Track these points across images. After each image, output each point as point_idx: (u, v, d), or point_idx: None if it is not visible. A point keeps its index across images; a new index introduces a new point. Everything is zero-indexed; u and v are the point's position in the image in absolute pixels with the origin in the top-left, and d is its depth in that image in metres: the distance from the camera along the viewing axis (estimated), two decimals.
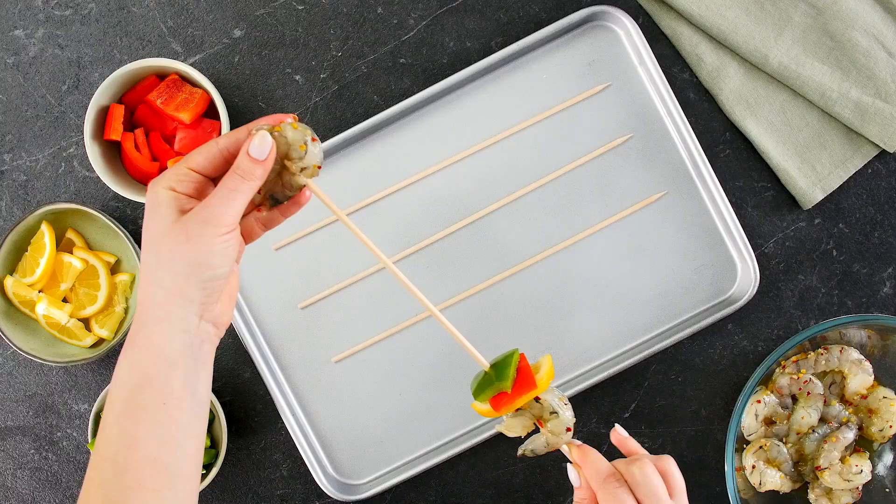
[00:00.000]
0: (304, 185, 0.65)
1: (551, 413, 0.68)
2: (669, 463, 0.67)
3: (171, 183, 0.62)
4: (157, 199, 0.62)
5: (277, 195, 0.65)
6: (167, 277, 0.60)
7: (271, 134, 0.62)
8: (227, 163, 0.63)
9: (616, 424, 0.72)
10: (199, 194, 0.63)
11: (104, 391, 0.87)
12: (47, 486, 0.93)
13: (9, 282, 0.88)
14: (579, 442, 0.69)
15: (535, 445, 0.70)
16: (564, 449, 0.69)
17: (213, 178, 0.64)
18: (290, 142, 0.63)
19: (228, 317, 0.65)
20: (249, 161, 0.61)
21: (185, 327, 0.61)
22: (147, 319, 0.61)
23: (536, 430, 0.70)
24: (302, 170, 0.64)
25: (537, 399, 0.68)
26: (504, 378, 0.67)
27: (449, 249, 0.91)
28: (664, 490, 0.65)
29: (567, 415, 0.68)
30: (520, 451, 0.70)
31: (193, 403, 0.62)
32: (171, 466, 0.60)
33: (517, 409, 0.68)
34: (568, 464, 0.69)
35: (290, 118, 0.64)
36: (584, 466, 0.67)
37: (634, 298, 0.91)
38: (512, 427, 0.69)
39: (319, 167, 0.65)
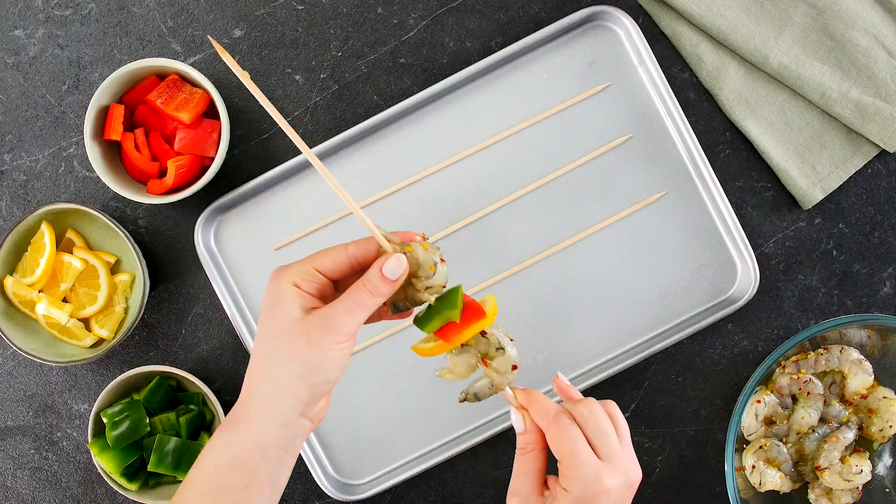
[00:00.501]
0: (428, 301, 0.66)
1: (497, 349, 0.68)
2: (614, 407, 0.68)
3: (296, 279, 0.63)
4: (281, 292, 0.63)
5: (399, 304, 0.67)
6: (281, 374, 0.62)
7: (404, 254, 0.64)
8: (351, 268, 0.65)
9: (557, 372, 0.71)
10: (321, 294, 0.65)
11: (104, 391, 0.87)
12: (47, 486, 0.93)
13: (9, 282, 0.88)
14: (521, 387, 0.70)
15: (479, 388, 0.69)
16: (509, 393, 0.69)
17: (335, 281, 0.66)
18: (420, 262, 0.65)
19: (325, 413, 0.67)
20: (381, 279, 0.63)
21: (286, 422, 0.63)
22: (252, 408, 0.63)
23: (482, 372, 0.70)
24: (427, 288, 0.65)
25: (483, 334, 0.68)
26: (452, 307, 0.66)
27: (449, 249, 0.91)
28: (612, 429, 0.66)
29: (513, 352, 0.68)
30: (461, 396, 0.70)
31: (271, 490, 0.64)
32: None
33: (462, 345, 0.68)
34: (511, 408, 0.69)
35: (419, 237, 0.66)
36: (531, 406, 0.68)
37: (634, 298, 0.91)
38: (456, 367, 0.69)
39: (444, 286, 0.67)
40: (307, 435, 0.66)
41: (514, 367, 0.68)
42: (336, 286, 0.67)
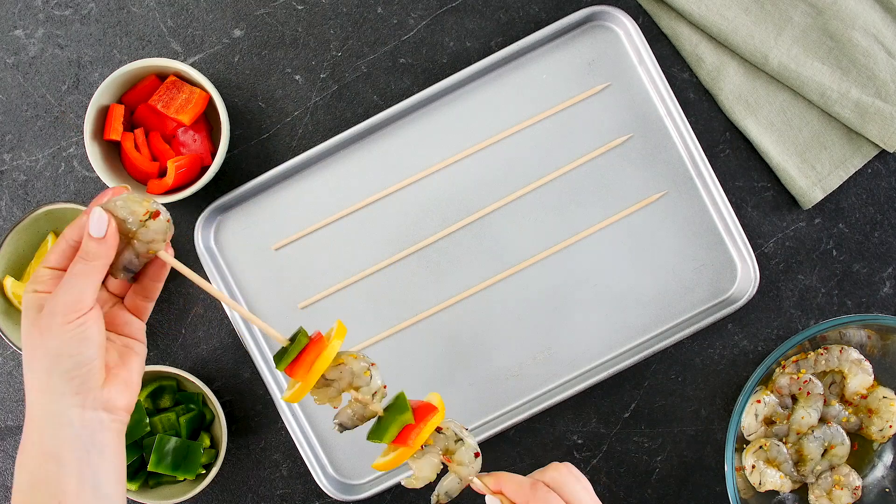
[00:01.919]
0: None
1: (456, 441, 0.68)
2: (573, 467, 0.68)
3: (33, 286, 0.62)
4: (25, 305, 0.62)
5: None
6: (34, 376, 0.60)
7: (105, 209, 0.62)
8: (76, 252, 0.63)
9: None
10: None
11: None
12: None
13: (8, 282, 0.88)
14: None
15: (448, 485, 0.69)
16: (478, 483, 0.68)
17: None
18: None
19: (126, 401, 0.63)
20: (92, 241, 0.61)
21: (64, 421, 0.59)
22: (30, 421, 0.60)
23: (445, 472, 0.69)
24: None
25: (439, 430, 0.68)
26: (404, 410, 0.67)
27: (449, 249, 0.91)
28: (582, 486, 0.67)
29: (472, 441, 0.68)
30: (433, 499, 0.69)
31: (94, 498, 0.59)
32: None
33: (422, 447, 0.68)
34: (486, 496, 0.68)
35: (124, 191, 0.64)
36: (505, 487, 0.67)
37: (634, 298, 0.91)
38: (421, 471, 0.68)
39: (385, 387, 0.66)
40: (117, 428, 0.62)
41: (477, 455, 0.68)
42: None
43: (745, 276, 0.90)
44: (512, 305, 0.91)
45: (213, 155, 0.89)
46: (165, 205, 0.92)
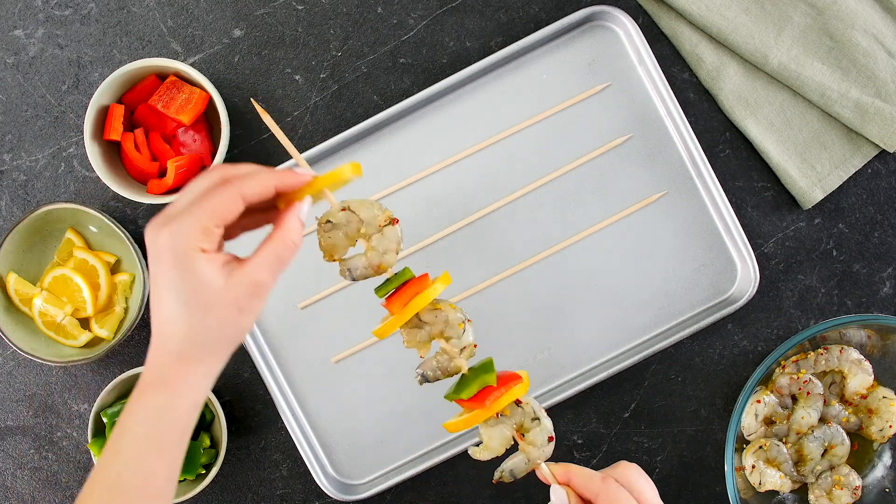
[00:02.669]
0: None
1: (533, 419, 0.65)
2: (639, 468, 0.66)
3: (200, 244, 0.58)
4: (190, 262, 0.58)
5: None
6: (211, 353, 0.60)
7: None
8: (242, 215, 0.61)
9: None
10: (224, 237, 0.61)
11: (104, 391, 0.87)
12: (47, 486, 0.93)
13: (12, 278, 0.88)
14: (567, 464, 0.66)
15: (515, 464, 0.66)
16: (545, 470, 0.65)
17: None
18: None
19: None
20: (300, 228, 0.60)
21: (211, 384, 0.62)
22: (189, 370, 0.60)
23: (515, 449, 0.67)
24: (462, 349, 0.66)
25: (518, 403, 0.65)
26: (488, 371, 0.65)
27: (449, 249, 0.91)
28: (654, 489, 0.65)
29: (549, 423, 0.66)
30: (496, 475, 0.67)
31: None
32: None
33: (498, 415, 0.66)
34: (552, 486, 0.65)
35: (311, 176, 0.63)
36: (574, 479, 0.64)
37: (634, 298, 0.91)
38: (490, 440, 0.66)
39: (475, 346, 0.67)
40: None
41: (551, 439, 0.66)
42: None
43: (745, 276, 0.90)
44: (512, 305, 0.91)
45: (213, 155, 0.89)
46: (165, 205, 0.92)
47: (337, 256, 0.65)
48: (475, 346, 0.66)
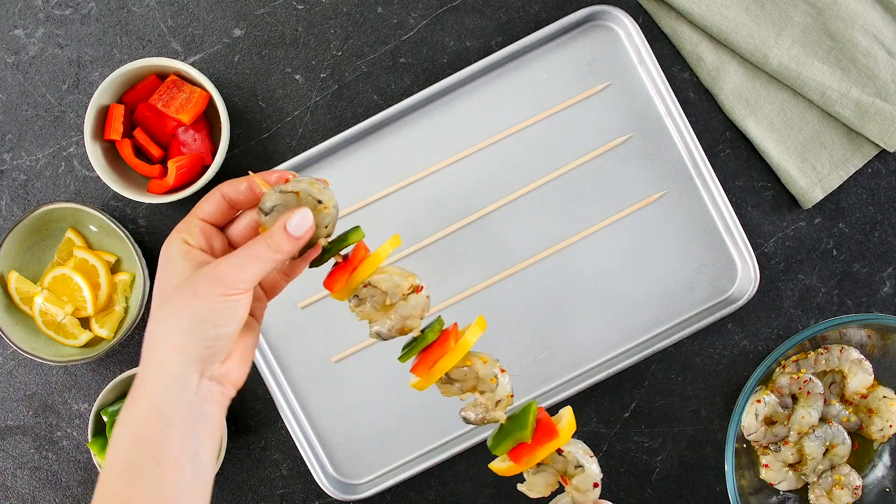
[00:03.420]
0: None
1: (576, 467, 0.64)
2: None
3: (182, 235, 0.61)
4: (170, 252, 0.61)
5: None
6: (170, 333, 0.59)
7: (311, 211, 0.61)
8: (231, 210, 0.63)
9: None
10: (210, 246, 0.62)
11: (104, 390, 0.87)
12: (47, 485, 0.93)
13: (13, 276, 0.88)
14: (606, 502, 0.65)
15: None
16: None
17: (222, 227, 0.64)
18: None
19: (239, 377, 0.63)
20: (284, 235, 0.60)
21: (184, 385, 0.59)
22: (147, 376, 0.59)
23: (561, 490, 0.66)
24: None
25: (560, 452, 0.65)
26: (522, 427, 0.64)
27: (449, 249, 0.91)
28: None
29: (594, 469, 0.65)
30: None
31: (193, 466, 0.59)
32: None
33: (539, 464, 0.65)
34: None
35: (321, 181, 0.62)
36: None
37: (634, 298, 0.91)
38: (534, 485, 0.65)
39: (511, 396, 0.66)
40: (223, 402, 0.61)
41: (596, 486, 0.65)
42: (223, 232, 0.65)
43: (745, 276, 0.90)
44: (512, 305, 0.91)
45: (214, 154, 0.89)
46: (165, 205, 0.92)
47: (372, 322, 0.66)
48: (511, 396, 0.66)
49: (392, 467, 0.91)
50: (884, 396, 0.88)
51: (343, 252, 0.65)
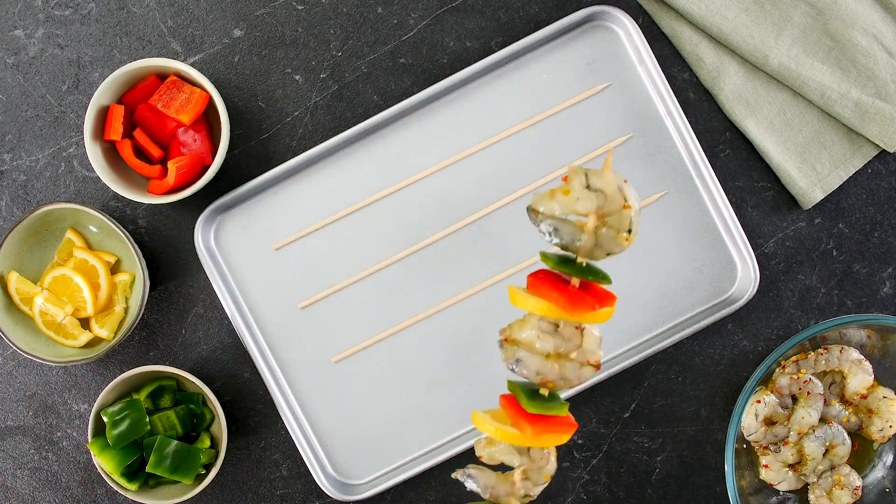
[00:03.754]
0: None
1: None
2: None
3: None
4: None
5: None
6: None
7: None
8: None
9: None
10: None
11: (104, 390, 0.87)
12: (47, 486, 0.93)
13: (13, 277, 0.88)
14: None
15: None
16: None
17: None
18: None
19: None
20: None
21: None
22: None
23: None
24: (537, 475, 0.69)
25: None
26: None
27: (449, 249, 0.91)
28: None
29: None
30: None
31: None
32: None
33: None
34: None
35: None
36: None
37: (634, 298, 0.91)
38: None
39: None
40: None
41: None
42: None
43: (745, 276, 0.90)
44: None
45: (214, 155, 0.89)
46: (165, 205, 0.92)
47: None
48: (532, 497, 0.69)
49: (392, 467, 0.91)
50: (884, 397, 0.88)
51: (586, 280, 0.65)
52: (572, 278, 0.66)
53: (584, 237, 0.63)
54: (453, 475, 0.70)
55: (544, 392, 0.66)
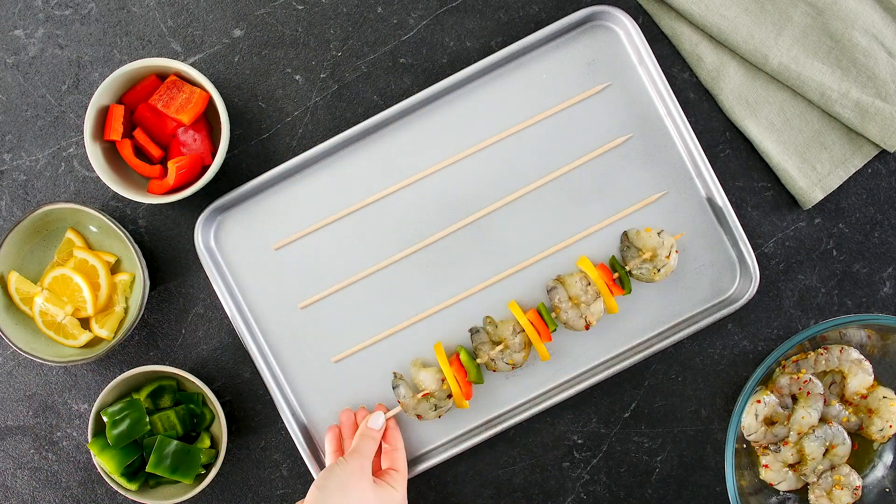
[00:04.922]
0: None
1: (441, 402, 0.87)
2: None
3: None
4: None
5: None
6: None
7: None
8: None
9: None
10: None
11: (105, 390, 0.87)
12: (47, 486, 0.93)
13: (13, 277, 0.88)
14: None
15: (405, 392, 0.86)
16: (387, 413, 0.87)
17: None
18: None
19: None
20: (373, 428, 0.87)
21: None
22: None
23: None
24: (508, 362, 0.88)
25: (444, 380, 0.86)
26: (478, 379, 0.87)
27: (449, 249, 0.91)
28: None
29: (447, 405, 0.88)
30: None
31: None
32: None
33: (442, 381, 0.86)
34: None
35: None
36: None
37: (634, 298, 0.91)
38: (424, 381, 0.86)
39: None
40: None
41: (426, 395, 0.87)
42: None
43: (745, 276, 0.90)
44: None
45: (214, 155, 0.89)
46: (165, 205, 0.92)
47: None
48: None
49: None
50: (884, 397, 0.88)
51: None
52: (616, 273, 0.88)
53: (637, 261, 0.88)
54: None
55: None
